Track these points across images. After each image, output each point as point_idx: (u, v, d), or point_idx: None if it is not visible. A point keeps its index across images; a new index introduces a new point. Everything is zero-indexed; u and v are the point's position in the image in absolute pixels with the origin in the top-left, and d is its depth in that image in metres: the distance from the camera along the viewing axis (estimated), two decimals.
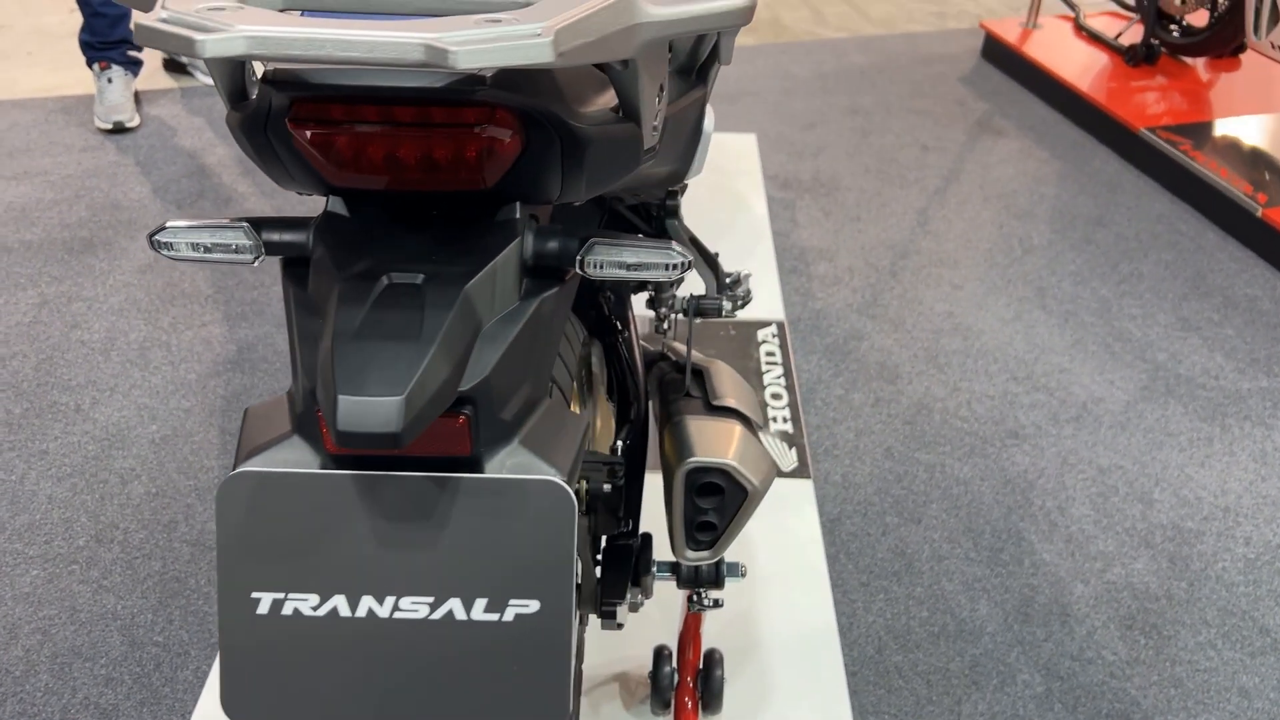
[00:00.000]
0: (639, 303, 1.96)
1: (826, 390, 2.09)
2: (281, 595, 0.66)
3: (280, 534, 0.66)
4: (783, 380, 2.04)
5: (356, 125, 0.64)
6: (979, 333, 2.28)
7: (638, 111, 0.72)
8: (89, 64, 3.00)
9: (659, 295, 1.37)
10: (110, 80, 2.98)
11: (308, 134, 0.65)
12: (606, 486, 0.98)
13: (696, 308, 1.26)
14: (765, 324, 2.20)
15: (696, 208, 2.63)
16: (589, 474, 0.99)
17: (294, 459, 0.68)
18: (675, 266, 0.72)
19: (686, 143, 0.97)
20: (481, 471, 0.70)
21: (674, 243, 0.72)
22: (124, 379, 2.07)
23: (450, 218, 0.71)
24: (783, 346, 2.13)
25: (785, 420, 1.93)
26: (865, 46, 3.75)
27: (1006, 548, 1.76)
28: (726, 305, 1.26)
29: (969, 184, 2.88)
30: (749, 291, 1.37)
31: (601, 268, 0.72)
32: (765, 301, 2.28)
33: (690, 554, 1.05)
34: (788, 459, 1.83)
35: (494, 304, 0.69)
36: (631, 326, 1.26)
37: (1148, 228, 2.70)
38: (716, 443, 1.03)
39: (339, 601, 0.66)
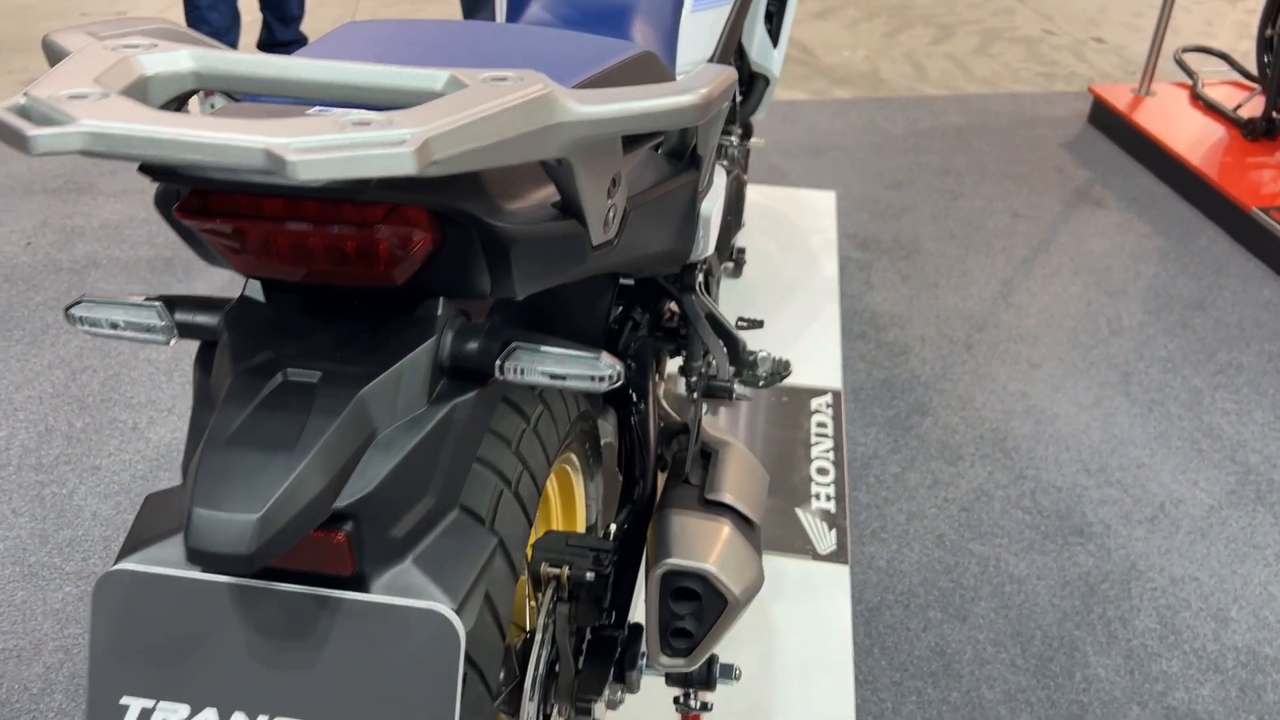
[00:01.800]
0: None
1: (881, 467, 1.99)
2: (151, 703, 0.63)
3: (155, 638, 0.63)
4: (831, 455, 1.95)
5: (243, 218, 0.61)
6: (1053, 417, 2.15)
7: (579, 207, 0.67)
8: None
9: (688, 364, 1.32)
10: (213, 106, 3.09)
11: (197, 224, 0.62)
12: (590, 575, 0.92)
13: (705, 388, 1.20)
14: (820, 392, 2.11)
15: (763, 264, 2.57)
16: (573, 558, 0.94)
17: (175, 558, 0.65)
18: (602, 379, 0.67)
19: (680, 226, 0.92)
20: (366, 591, 0.65)
21: (605, 354, 0.67)
22: (182, 400, 2.11)
23: (365, 311, 0.67)
24: (836, 418, 2.05)
25: (828, 498, 1.84)
26: (965, 105, 3.64)
27: (1058, 657, 1.63)
28: (739, 389, 1.20)
29: (1059, 256, 2.74)
30: (774, 373, 1.30)
31: (522, 374, 0.67)
32: (823, 368, 2.20)
33: (665, 659, 0.99)
34: (825, 541, 1.75)
35: (396, 408, 0.64)
36: (650, 397, 1.21)
37: (1252, 315, 2.52)
38: (699, 544, 0.96)
39: (210, 715, 0.63)
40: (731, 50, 1.42)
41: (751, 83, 1.76)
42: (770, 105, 2.20)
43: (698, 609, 0.96)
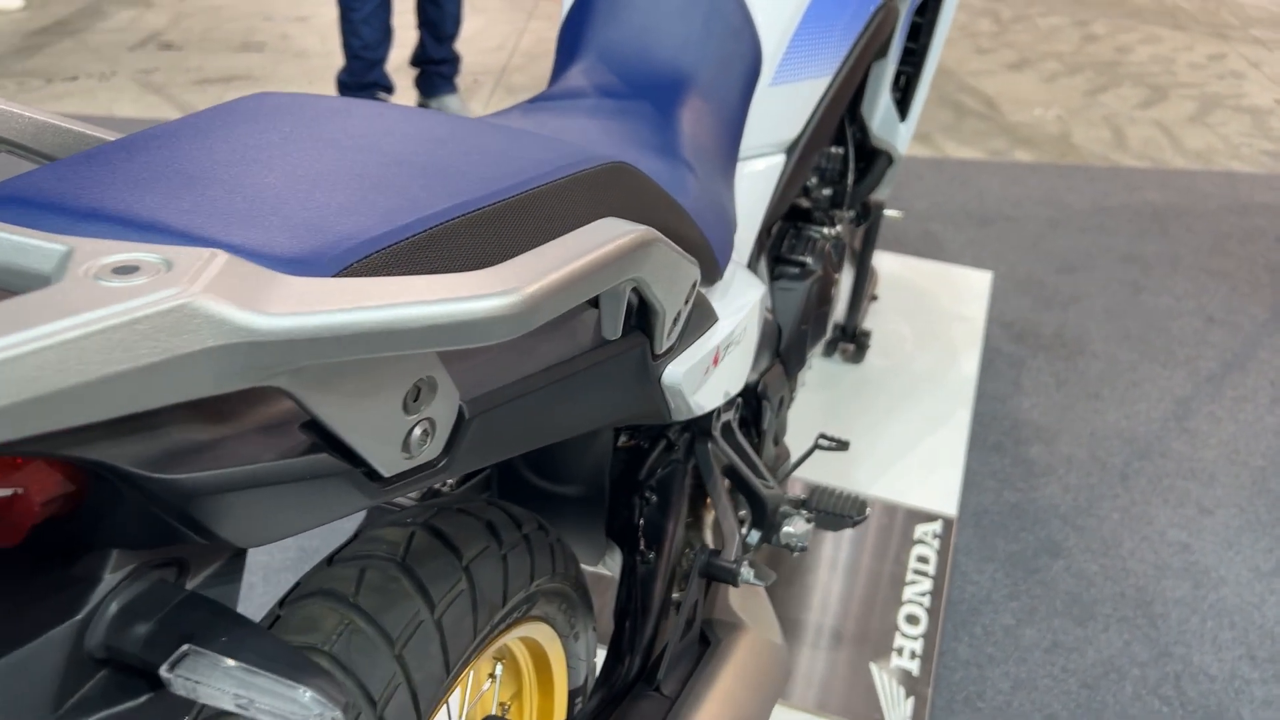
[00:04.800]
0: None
1: (992, 616, 1.68)
2: None
3: None
4: (928, 599, 1.66)
5: None
6: (1219, 581, 1.77)
7: (337, 439, 0.47)
8: None
9: (688, 530, 1.09)
10: None
11: None
12: None
13: (704, 567, 0.97)
14: (928, 518, 1.81)
15: (892, 350, 2.28)
16: None
17: None
18: None
19: (620, 398, 0.70)
20: None
21: (311, 691, 0.47)
22: None
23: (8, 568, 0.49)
24: (943, 553, 1.75)
25: (913, 656, 1.55)
26: (1167, 182, 3.20)
27: None
28: (746, 573, 0.96)
29: (1257, 377, 2.32)
30: (797, 545, 1.06)
31: (196, 690, 0.47)
32: (937, 488, 1.90)
33: None
34: (898, 711, 1.46)
35: (18, 713, 0.45)
36: (665, 551, 0.99)
37: None
38: None
39: None
40: (829, 131, 1.18)
41: (871, 159, 1.51)
42: (896, 180, 1.93)
43: None
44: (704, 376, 0.80)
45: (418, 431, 0.51)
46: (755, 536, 1.08)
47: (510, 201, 0.57)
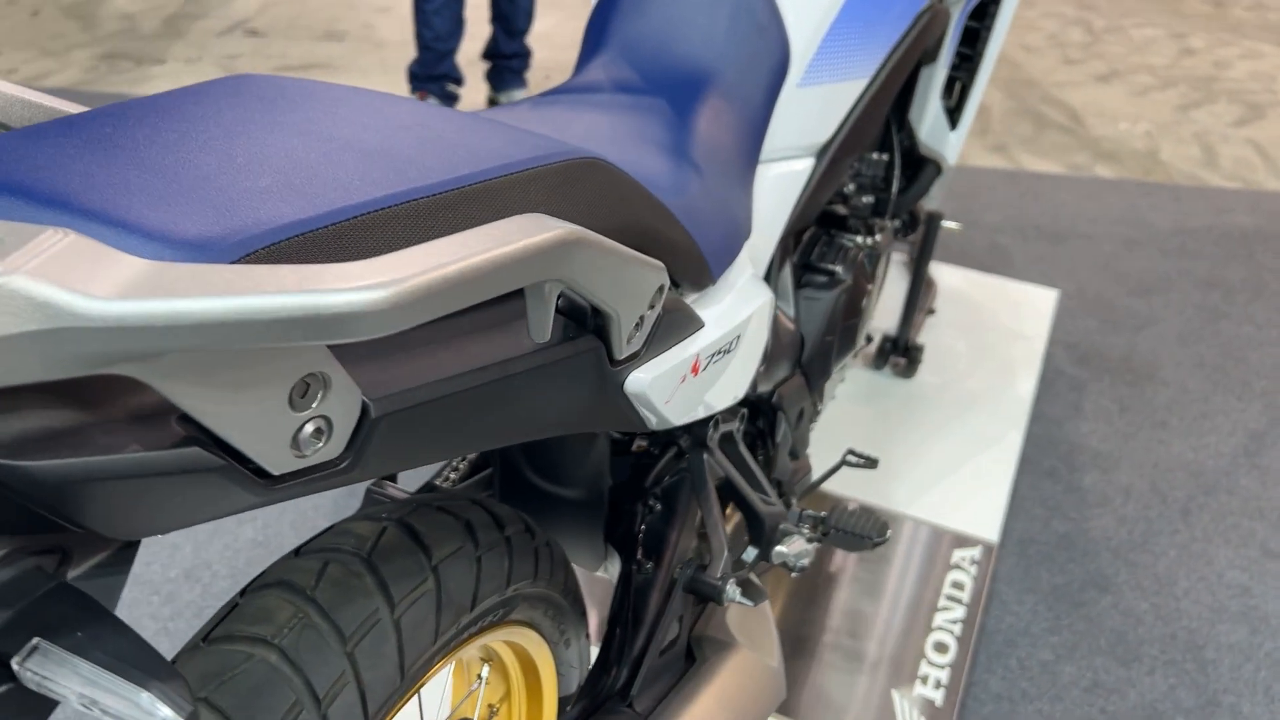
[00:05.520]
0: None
1: (1029, 649, 1.61)
2: None
3: None
4: (959, 629, 1.59)
5: None
6: (1278, 629, 1.67)
7: (214, 432, 0.45)
8: (411, 91, 3.15)
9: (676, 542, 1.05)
10: None
11: None
12: None
13: (689, 583, 0.93)
14: (968, 542, 1.74)
15: (944, 366, 2.20)
16: None
17: None
18: None
19: (577, 407, 0.67)
20: None
21: (151, 694, 0.44)
22: None
23: None
24: (979, 579, 1.68)
25: (938, 685, 1.49)
26: (1258, 205, 3.04)
27: None
28: (732, 592, 0.91)
29: None
30: (794, 565, 1.01)
31: (46, 684, 0.45)
32: (979, 512, 1.82)
33: None
34: None
35: None
36: (666, 561, 0.96)
37: None
38: None
39: None
40: (866, 136, 1.13)
41: (918, 167, 1.45)
42: (948, 186, 1.85)
43: None
44: (679, 385, 0.76)
45: (309, 429, 0.49)
46: (753, 553, 1.04)
47: (462, 192, 0.55)
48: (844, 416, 2.04)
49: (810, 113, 1.02)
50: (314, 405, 0.48)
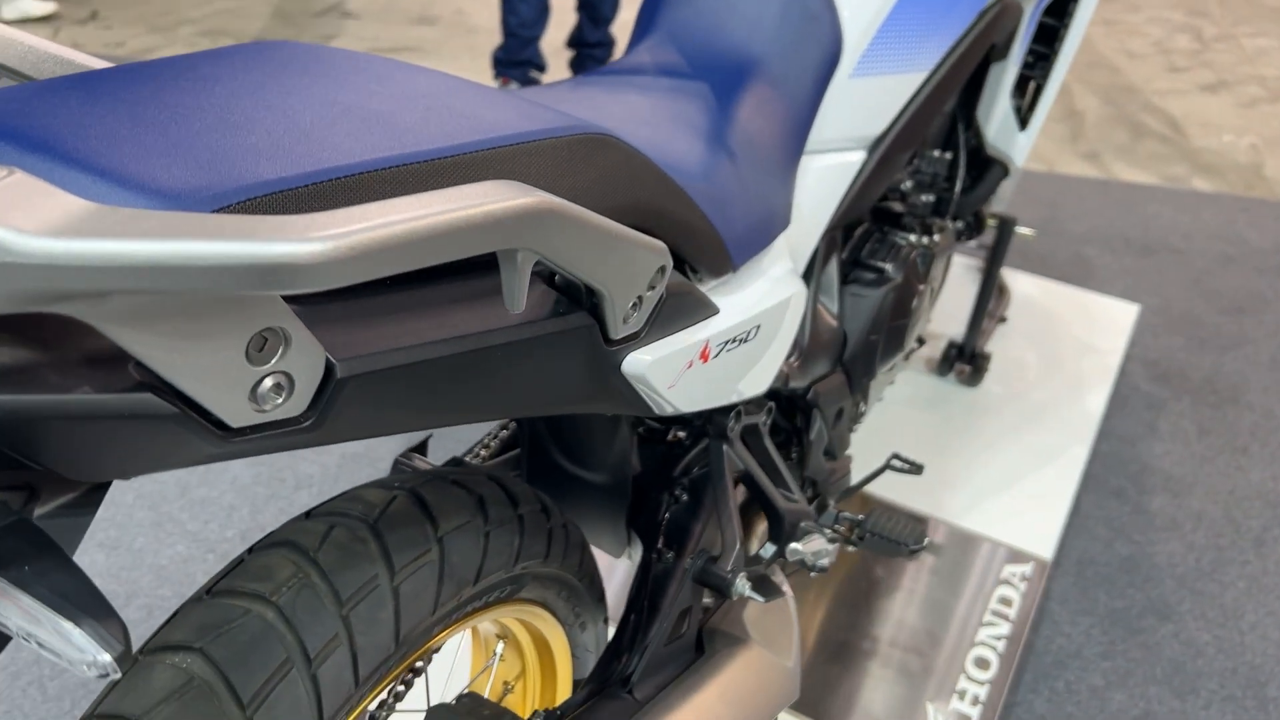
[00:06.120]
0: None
1: (1080, 671, 1.55)
2: None
3: None
4: (1002, 645, 1.54)
5: None
6: None
7: (163, 381, 0.45)
8: (495, 77, 3.18)
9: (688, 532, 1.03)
10: None
11: None
12: None
13: (698, 574, 0.91)
14: (1020, 558, 1.69)
15: (1013, 377, 2.14)
16: None
17: None
18: (89, 665, 0.45)
19: (567, 385, 0.66)
20: None
21: (82, 631, 0.45)
22: None
23: None
24: (1028, 596, 1.62)
25: (975, 702, 1.44)
26: None
27: None
28: (741, 586, 0.89)
29: None
30: (813, 565, 0.98)
31: None
32: (1035, 527, 1.76)
33: None
34: None
35: None
36: (685, 550, 0.95)
37: None
38: None
39: None
40: (922, 131, 1.09)
41: (984, 168, 1.40)
42: (1015, 188, 1.79)
43: None
44: (684, 370, 0.75)
45: (268, 383, 0.49)
46: (770, 550, 1.02)
47: (458, 159, 0.55)
48: (902, 421, 2.00)
49: (863, 105, 0.99)
50: (273, 361, 0.49)
